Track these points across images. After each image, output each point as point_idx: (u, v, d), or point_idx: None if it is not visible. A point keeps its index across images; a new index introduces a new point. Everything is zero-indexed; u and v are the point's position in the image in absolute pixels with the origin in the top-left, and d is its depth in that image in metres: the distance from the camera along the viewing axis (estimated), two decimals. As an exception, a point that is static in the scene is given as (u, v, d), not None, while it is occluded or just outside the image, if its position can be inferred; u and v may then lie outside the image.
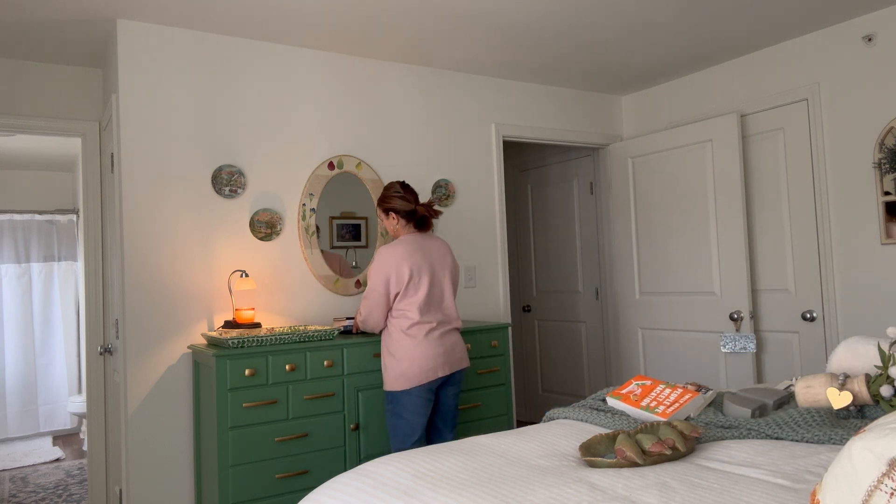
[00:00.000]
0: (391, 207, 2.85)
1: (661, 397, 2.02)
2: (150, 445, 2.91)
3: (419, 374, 2.69)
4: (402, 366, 2.69)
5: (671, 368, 4.08)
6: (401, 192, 2.86)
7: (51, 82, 3.41)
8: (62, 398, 5.69)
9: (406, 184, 2.90)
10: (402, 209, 2.84)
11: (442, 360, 2.74)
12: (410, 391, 2.69)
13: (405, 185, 2.89)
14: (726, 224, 3.74)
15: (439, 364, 2.73)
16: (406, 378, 2.68)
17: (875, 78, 3.23)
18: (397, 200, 2.84)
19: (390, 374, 2.73)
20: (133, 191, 2.94)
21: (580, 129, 4.37)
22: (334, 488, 1.63)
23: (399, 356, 2.71)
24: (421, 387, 2.70)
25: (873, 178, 3.24)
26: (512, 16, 3.08)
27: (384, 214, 2.90)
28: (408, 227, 2.87)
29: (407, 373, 2.68)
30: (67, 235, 5.87)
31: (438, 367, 2.73)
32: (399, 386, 2.70)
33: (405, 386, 2.69)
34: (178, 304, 3.00)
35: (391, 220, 2.87)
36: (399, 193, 2.85)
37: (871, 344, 2.15)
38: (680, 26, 3.31)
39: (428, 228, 2.90)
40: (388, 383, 2.74)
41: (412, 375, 2.68)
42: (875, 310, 3.25)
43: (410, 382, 2.69)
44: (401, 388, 2.70)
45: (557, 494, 1.39)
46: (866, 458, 0.97)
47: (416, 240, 2.82)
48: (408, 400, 2.70)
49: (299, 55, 3.37)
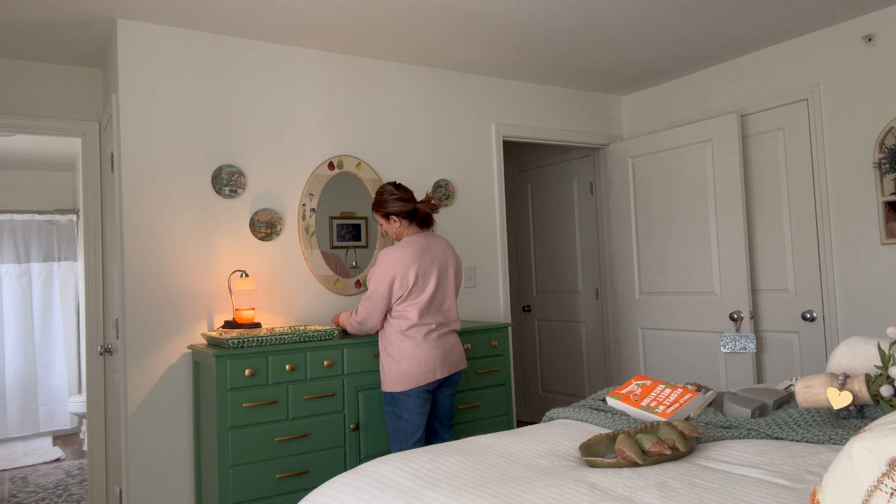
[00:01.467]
0: (390, 211, 2.77)
1: (661, 397, 2.02)
2: (150, 445, 2.91)
3: (418, 376, 2.68)
4: (400, 367, 2.68)
5: (671, 368, 4.08)
6: (396, 192, 2.78)
7: (51, 82, 3.41)
8: (62, 398, 5.69)
9: (399, 183, 2.83)
10: (403, 210, 2.77)
11: (440, 363, 2.73)
12: (409, 392, 2.69)
13: (398, 184, 2.82)
14: (726, 224, 3.74)
15: (437, 366, 2.72)
16: (405, 379, 2.68)
17: (875, 78, 3.23)
18: (395, 203, 2.77)
19: (389, 375, 2.72)
20: (133, 191, 2.94)
21: (580, 129, 4.37)
22: (334, 488, 1.63)
23: (398, 357, 2.70)
24: (419, 388, 2.69)
25: (873, 178, 3.24)
26: (512, 16, 3.08)
27: (384, 219, 2.81)
28: (411, 228, 2.81)
29: (406, 374, 2.67)
30: (67, 235, 5.87)
31: (437, 369, 2.72)
32: (398, 387, 2.69)
33: (404, 387, 2.68)
34: (178, 304, 3.00)
35: (392, 224, 2.80)
36: (395, 195, 2.77)
37: (871, 344, 2.15)
38: (680, 26, 3.31)
39: (431, 225, 2.85)
40: (387, 384, 2.73)
41: (411, 377, 2.68)
42: (875, 310, 3.25)
43: (409, 384, 2.68)
44: (399, 390, 2.69)
45: (557, 494, 1.39)
46: (866, 458, 0.97)
47: (421, 241, 2.76)
48: (406, 401, 2.70)
49: (299, 55, 3.37)
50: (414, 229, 2.81)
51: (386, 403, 2.76)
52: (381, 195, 2.80)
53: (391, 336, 2.74)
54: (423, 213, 2.80)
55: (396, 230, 2.82)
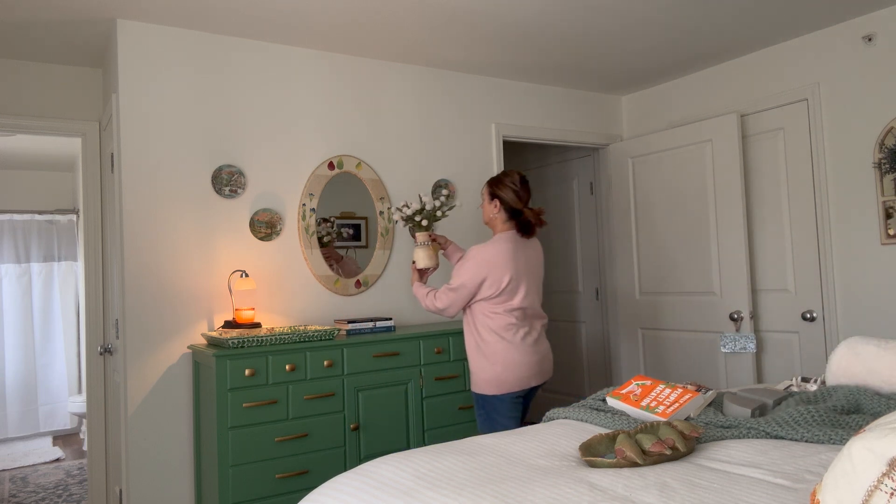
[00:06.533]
0: (500, 196, 2.66)
1: (661, 397, 2.02)
2: (151, 445, 2.91)
3: (513, 382, 2.61)
4: (495, 370, 2.61)
5: (671, 368, 4.08)
6: (517, 185, 2.66)
7: (51, 82, 3.41)
8: (62, 398, 5.69)
9: (526, 179, 2.72)
10: (510, 204, 2.66)
11: (536, 370, 2.66)
12: (503, 397, 2.62)
13: (525, 180, 2.70)
14: (726, 224, 3.74)
15: (533, 373, 2.65)
16: (498, 384, 2.61)
17: (875, 78, 3.23)
18: (510, 192, 2.65)
19: (482, 376, 2.64)
20: (133, 191, 2.94)
21: (580, 129, 4.37)
22: (334, 488, 1.63)
23: (492, 359, 2.61)
24: (513, 393, 2.64)
25: (873, 178, 3.24)
26: (512, 16, 3.08)
27: (489, 197, 2.70)
28: (507, 224, 2.68)
29: (500, 378, 2.60)
30: (67, 235, 5.87)
31: (532, 377, 2.65)
32: (491, 390, 2.63)
33: (498, 391, 2.62)
34: (178, 304, 3.00)
35: (492, 207, 2.69)
36: (515, 186, 2.66)
37: (871, 344, 2.15)
38: (680, 26, 3.31)
39: (530, 235, 2.70)
40: (480, 386, 2.65)
41: (505, 381, 2.60)
42: (875, 310, 3.25)
43: (502, 388, 2.61)
44: (492, 393, 2.63)
45: (557, 494, 1.39)
46: (866, 458, 0.97)
47: (515, 239, 2.66)
48: (501, 405, 2.63)
49: (299, 55, 3.37)
50: (508, 227, 2.69)
51: (478, 406, 2.70)
52: (504, 175, 2.70)
53: (484, 335, 2.64)
54: (525, 217, 2.66)
55: (492, 215, 2.70)
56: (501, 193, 2.66)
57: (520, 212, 2.67)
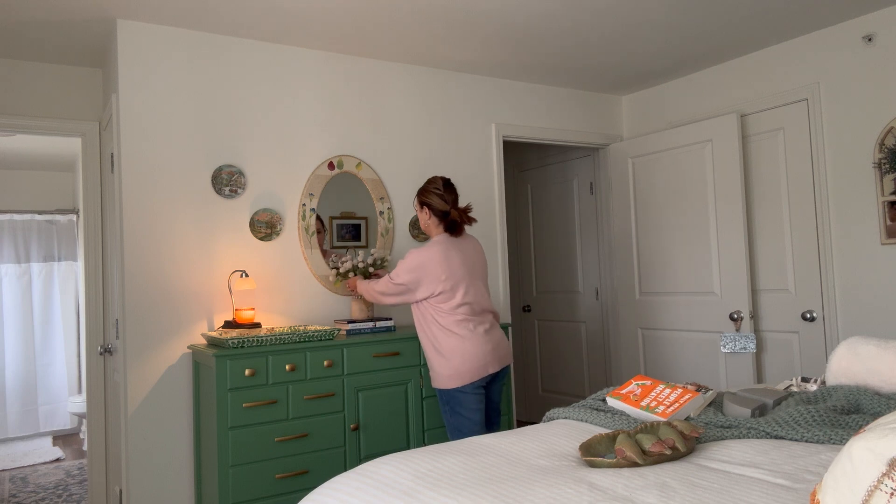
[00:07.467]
0: (426, 202, 2.82)
1: (661, 397, 2.02)
2: (151, 445, 2.91)
3: (471, 372, 2.70)
4: (453, 364, 2.70)
5: (671, 368, 4.08)
6: (440, 189, 2.81)
7: (51, 82, 3.41)
8: (62, 398, 5.69)
9: (450, 182, 2.85)
10: (437, 208, 2.80)
11: (491, 357, 2.76)
12: (464, 388, 2.71)
13: (448, 183, 2.84)
14: (726, 224, 3.74)
15: (489, 361, 2.75)
16: (459, 376, 2.70)
17: (875, 78, 3.23)
18: (434, 197, 2.80)
19: (441, 372, 2.73)
20: (133, 191, 2.94)
21: (580, 129, 4.37)
22: (334, 488, 1.63)
23: (449, 355, 2.71)
24: (474, 383, 2.72)
25: (873, 178, 3.24)
26: (512, 16, 3.08)
27: (419, 206, 2.86)
28: (440, 228, 2.84)
29: (459, 370, 2.69)
30: (67, 235, 5.87)
31: (489, 364, 2.74)
32: (452, 384, 2.71)
33: (458, 384, 2.70)
34: (178, 304, 3.00)
35: (423, 215, 2.85)
36: (438, 191, 2.80)
37: (871, 344, 2.16)
38: (680, 26, 3.31)
39: (459, 234, 2.85)
40: (441, 382, 2.74)
41: (464, 373, 2.70)
42: (875, 310, 3.25)
43: (463, 380, 2.70)
44: (454, 387, 2.71)
45: (557, 494, 1.39)
46: (866, 458, 0.97)
47: (449, 241, 2.80)
48: (463, 397, 2.72)
49: (299, 55, 3.37)
50: (443, 230, 2.84)
51: (443, 402, 2.77)
52: (428, 184, 2.85)
53: (436, 333, 2.74)
54: (451, 217, 2.80)
55: (425, 223, 2.86)
56: (428, 200, 2.81)
57: (447, 213, 2.79)
